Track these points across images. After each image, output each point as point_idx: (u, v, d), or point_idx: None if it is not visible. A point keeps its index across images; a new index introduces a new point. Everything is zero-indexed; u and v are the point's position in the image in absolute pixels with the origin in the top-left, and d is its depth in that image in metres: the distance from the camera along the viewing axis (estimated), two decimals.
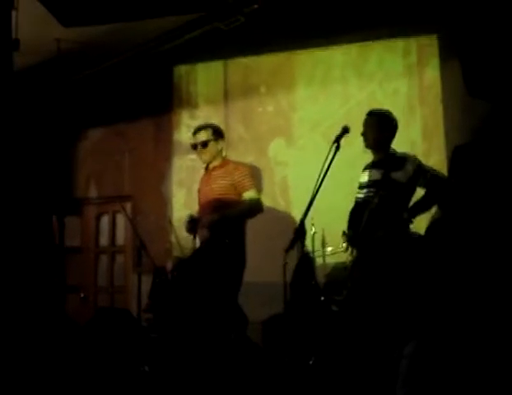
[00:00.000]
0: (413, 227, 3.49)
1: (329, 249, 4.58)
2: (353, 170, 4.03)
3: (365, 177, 3.71)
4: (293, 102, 5.60)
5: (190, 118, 5.81)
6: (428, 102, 5.13)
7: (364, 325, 3.26)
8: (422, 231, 3.30)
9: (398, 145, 3.68)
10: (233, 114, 5.67)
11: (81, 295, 5.76)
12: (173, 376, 3.49)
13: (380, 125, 3.66)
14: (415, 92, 5.16)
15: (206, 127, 4.19)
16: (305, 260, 4.01)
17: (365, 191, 3.65)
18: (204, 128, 4.16)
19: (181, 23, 4.75)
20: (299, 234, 3.25)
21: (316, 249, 4.62)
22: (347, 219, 3.73)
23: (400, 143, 3.71)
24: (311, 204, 3.30)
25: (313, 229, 4.65)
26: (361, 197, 3.68)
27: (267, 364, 3.74)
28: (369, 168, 3.74)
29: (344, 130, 3.48)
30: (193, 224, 4.10)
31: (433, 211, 3.50)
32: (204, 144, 4.11)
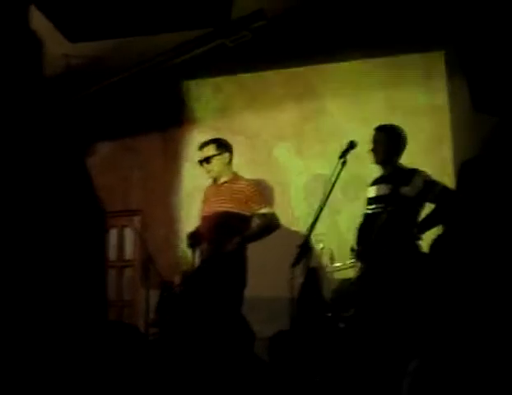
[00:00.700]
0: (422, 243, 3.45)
1: (337, 265, 4.55)
2: None
3: (373, 192, 3.67)
4: (303, 114, 5.57)
5: (199, 133, 5.81)
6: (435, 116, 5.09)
7: (370, 342, 3.22)
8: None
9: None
10: (241, 129, 5.67)
11: None
12: (178, 391, 3.47)
13: (389, 139, 3.64)
14: (422, 108, 5.12)
15: (209, 142, 4.12)
16: (312, 276, 3.98)
17: (373, 206, 3.60)
18: (207, 144, 4.10)
19: (188, 38, 4.77)
20: (304, 249, 3.23)
21: (324, 265, 4.59)
22: (356, 234, 3.69)
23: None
24: (317, 219, 3.29)
25: (321, 244, 4.62)
26: (369, 213, 3.63)
27: (273, 380, 3.70)
28: (377, 182, 3.70)
29: (351, 145, 3.48)
30: (194, 239, 4.08)
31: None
32: (207, 160, 4.06)
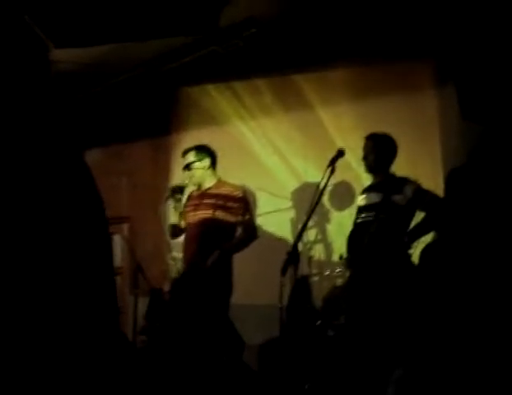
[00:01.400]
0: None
1: (326, 273, 4.54)
2: None
3: (364, 200, 3.67)
4: (293, 122, 5.56)
5: (189, 140, 5.79)
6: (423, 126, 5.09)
7: (359, 350, 3.21)
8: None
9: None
10: (231, 137, 5.66)
11: None
12: None
13: (380, 148, 3.64)
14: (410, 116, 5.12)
15: (190, 149, 4.09)
16: (302, 283, 3.97)
17: (364, 214, 3.59)
18: (188, 151, 4.07)
19: (179, 45, 4.77)
20: (292, 257, 3.22)
21: (313, 273, 4.58)
22: (346, 243, 3.67)
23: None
24: (305, 226, 3.28)
25: (309, 252, 4.61)
26: (360, 221, 3.62)
27: (262, 388, 3.68)
28: (367, 191, 3.70)
29: (339, 153, 3.48)
30: (175, 230, 4.16)
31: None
32: (187, 166, 4.03)
